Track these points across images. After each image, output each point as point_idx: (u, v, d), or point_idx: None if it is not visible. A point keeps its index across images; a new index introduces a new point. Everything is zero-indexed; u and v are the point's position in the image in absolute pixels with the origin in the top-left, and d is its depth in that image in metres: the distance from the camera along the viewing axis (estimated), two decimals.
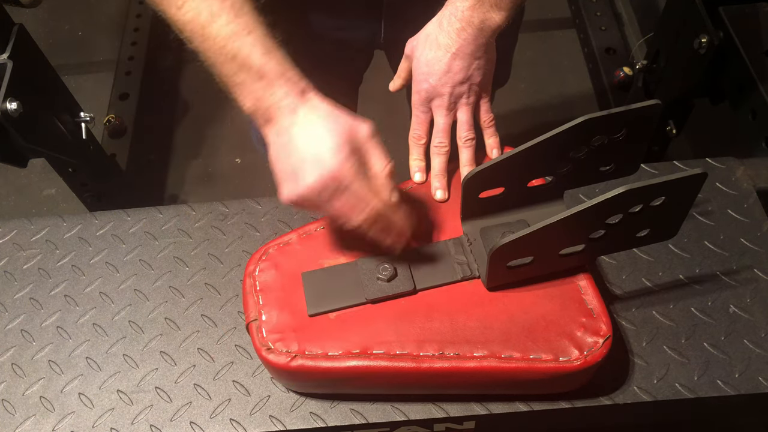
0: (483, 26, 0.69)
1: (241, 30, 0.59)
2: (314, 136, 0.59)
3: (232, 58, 0.59)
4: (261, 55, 0.59)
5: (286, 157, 0.60)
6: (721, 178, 0.82)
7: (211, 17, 0.58)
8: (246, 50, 0.59)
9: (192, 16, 0.59)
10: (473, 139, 0.74)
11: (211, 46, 0.59)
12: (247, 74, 0.59)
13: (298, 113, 0.60)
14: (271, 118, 0.60)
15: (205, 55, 0.60)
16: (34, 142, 1.16)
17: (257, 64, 0.59)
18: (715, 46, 1.12)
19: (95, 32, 2.19)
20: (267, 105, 0.60)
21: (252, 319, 0.65)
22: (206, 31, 0.59)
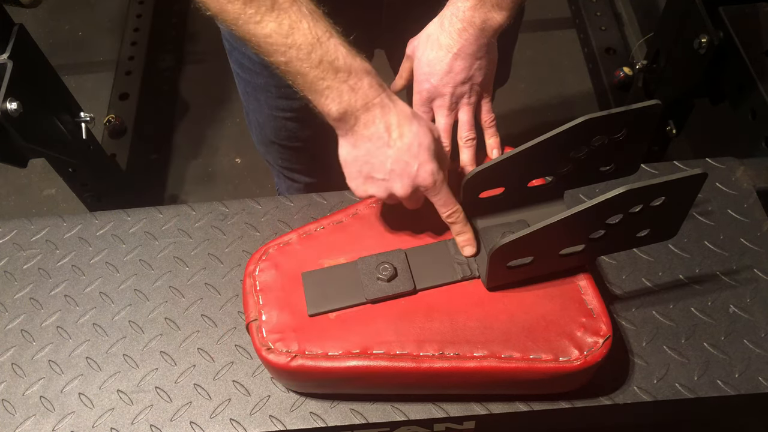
0: (484, 26, 0.69)
1: (323, 34, 0.60)
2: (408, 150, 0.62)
3: (318, 64, 0.60)
4: (345, 57, 0.61)
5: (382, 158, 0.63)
6: (721, 178, 0.82)
7: (292, 27, 0.59)
8: (332, 54, 0.60)
9: (273, 28, 0.59)
10: (474, 139, 0.74)
11: (295, 54, 0.60)
12: (334, 77, 0.60)
13: (389, 118, 0.62)
14: (358, 121, 0.62)
15: (287, 66, 0.61)
16: (34, 142, 1.16)
17: (344, 65, 0.60)
18: (715, 46, 1.12)
19: (95, 32, 2.19)
20: (355, 107, 0.61)
21: (252, 319, 0.65)
22: (289, 40, 0.59)
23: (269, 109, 0.96)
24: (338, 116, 0.62)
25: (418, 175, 0.63)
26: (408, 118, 0.63)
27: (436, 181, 0.64)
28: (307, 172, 1.11)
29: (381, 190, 0.64)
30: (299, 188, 1.14)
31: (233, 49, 0.91)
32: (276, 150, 1.04)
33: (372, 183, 0.65)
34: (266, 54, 0.62)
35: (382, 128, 0.62)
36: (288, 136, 1.00)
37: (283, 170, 1.11)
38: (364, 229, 0.71)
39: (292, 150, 1.03)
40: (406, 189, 0.63)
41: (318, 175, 1.11)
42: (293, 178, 1.12)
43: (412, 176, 0.63)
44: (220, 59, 1.00)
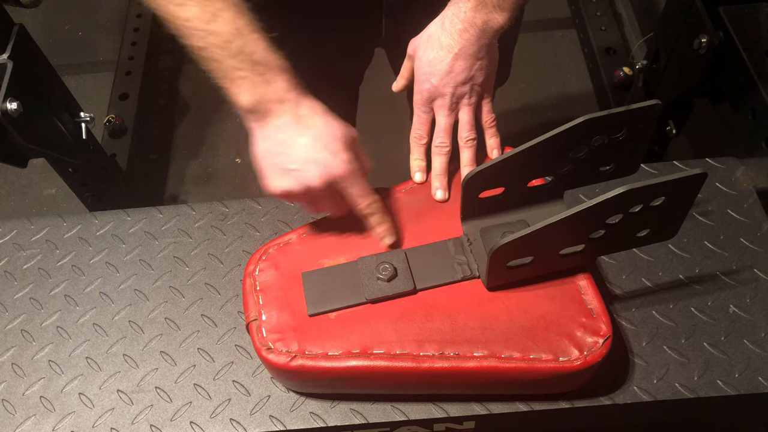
0: (485, 27, 0.69)
1: (244, 26, 0.60)
2: (320, 138, 0.62)
3: (236, 54, 0.60)
4: (263, 51, 0.61)
5: (295, 147, 0.62)
6: (721, 178, 0.82)
7: (215, 14, 0.59)
8: (251, 46, 0.60)
9: (194, 13, 0.59)
10: (474, 139, 0.74)
11: (214, 41, 0.60)
12: (250, 69, 0.60)
13: (300, 111, 0.62)
14: (270, 113, 0.62)
15: (204, 52, 0.61)
16: (34, 142, 1.15)
17: (261, 59, 0.61)
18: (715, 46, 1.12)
19: (95, 32, 2.19)
20: (268, 99, 0.61)
21: (252, 319, 0.65)
22: (210, 27, 0.60)
23: None
24: (250, 107, 0.62)
25: (332, 163, 0.62)
26: (321, 111, 0.64)
27: (352, 170, 0.63)
28: None
29: (296, 182, 0.63)
30: None
31: None
32: None
33: (287, 175, 0.63)
34: (183, 37, 0.61)
35: (294, 118, 0.62)
36: None
37: None
38: (364, 228, 0.71)
39: None
40: (321, 178, 0.62)
41: None
42: None
43: (327, 164, 0.62)
44: None
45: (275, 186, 0.64)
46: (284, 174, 0.63)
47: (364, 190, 0.65)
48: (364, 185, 0.65)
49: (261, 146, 0.64)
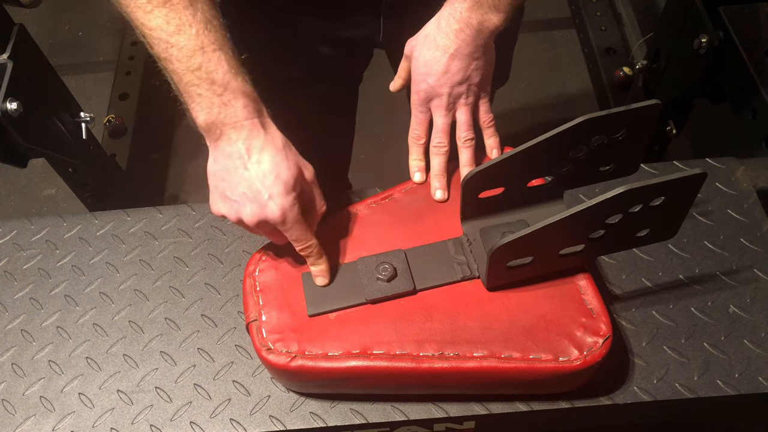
0: (481, 27, 0.69)
1: (209, 44, 0.59)
2: (263, 177, 0.61)
3: (196, 69, 0.59)
4: (226, 72, 0.59)
5: (237, 178, 0.61)
6: (721, 178, 0.82)
7: (179, 27, 0.58)
8: (212, 65, 0.59)
9: (160, 23, 0.58)
10: (473, 139, 0.74)
11: (176, 54, 0.59)
12: (209, 88, 0.59)
13: (253, 142, 0.61)
14: (223, 136, 0.61)
15: (165, 62, 0.60)
16: (34, 142, 1.15)
17: (221, 80, 0.59)
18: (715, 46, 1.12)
19: (95, 32, 2.19)
20: (223, 122, 0.60)
21: (252, 320, 0.65)
22: (173, 39, 0.59)
23: None
24: (204, 126, 0.61)
25: (267, 206, 0.61)
26: (275, 148, 0.62)
27: (285, 218, 0.62)
28: None
29: (231, 211, 0.63)
30: None
31: None
32: None
33: (225, 202, 0.63)
34: (148, 44, 0.61)
35: (243, 149, 0.61)
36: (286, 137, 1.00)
37: None
38: (364, 229, 0.71)
39: None
40: (254, 217, 0.61)
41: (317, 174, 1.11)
42: None
43: (261, 205, 0.61)
44: None
45: (214, 208, 0.65)
46: (223, 200, 0.63)
47: (299, 235, 0.64)
48: (299, 230, 0.63)
49: (211, 167, 0.64)
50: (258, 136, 0.61)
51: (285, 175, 0.62)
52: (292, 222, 0.63)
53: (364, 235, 0.70)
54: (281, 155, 0.62)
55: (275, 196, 0.61)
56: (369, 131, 1.81)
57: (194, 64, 0.59)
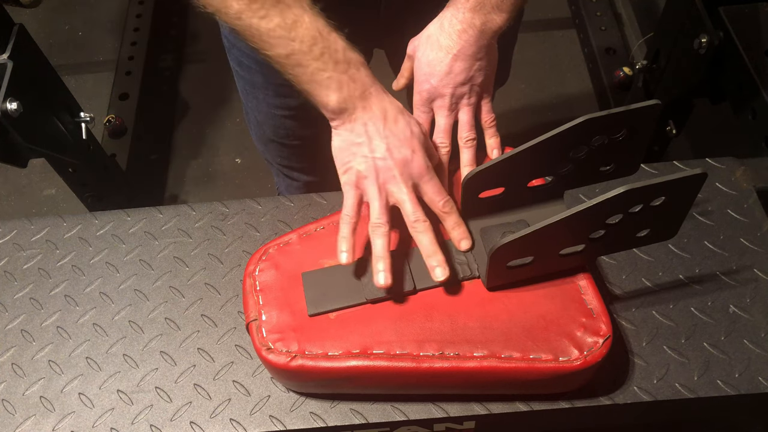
0: (484, 28, 0.69)
1: (323, 27, 0.63)
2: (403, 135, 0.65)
3: (320, 56, 0.62)
4: (344, 49, 0.64)
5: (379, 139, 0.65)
6: (721, 178, 0.82)
7: (296, 21, 0.62)
8: (332, 47, 0.63)
9: (278, 23, 0.61)
10: (474, 139, 0.74)
11: (298, 47, 0.62)
12: (334, 68, 0.63)
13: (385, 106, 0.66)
14: (356, 109, 0.65)
15: (288, 59, 0.63)
16: (34, 142, 1.16)
17: (343, 58, 0.63)
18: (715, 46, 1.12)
19: (95, 32, 2.19)
20: (353, 96, 0.64)
21: (252, 319, 0.65)
22: (293, 34, 0.62)
23: (268, 107, 0.96)
24: (337, 106, 0.64)
25: (412, 160, 0.65)
26: (399, 109, 0.67)
27: (429, 167, 0.65)
28: (306, 171, 1.11)
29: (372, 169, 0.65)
30: (299, 187, 1.14)
31: (232, 47, 0.91)
32: (275, 148, 1.04)
33: (365, 161, 0.65)
34: (267, 47, 0.63)
35: (379, 113, 0.65)
36: (287, 134, 1.00)
37: (283, 168, 1.11)
38: (364, 229, 0.71)
39: (290, 148, 1.03)
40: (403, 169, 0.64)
41: (317, 173, 1.11)
42: (292, 176, 1.13)
43: (408, 161, 0.65)
44: (220, 59, 1.00)
45: (350, 175, 0.66)
46: (364, 159, 0.65)
47: (440, 188, 0.66)
48: (439, 183, 0.66)
49: (346, 140, 0.66)
50: (384, 99, 0.66)
51: (417, 130, 0.67)
52: (434, 173, 0.66)
53: (365, 235, 0.70)
54: (407, 114, 0.67)
55: (417, 150, 0.65)
56: None
57: (317, 51, 0.62)
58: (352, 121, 0.65)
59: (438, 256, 0.64)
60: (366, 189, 0.66)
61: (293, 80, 0.65)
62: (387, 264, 0.63)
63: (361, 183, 0.66)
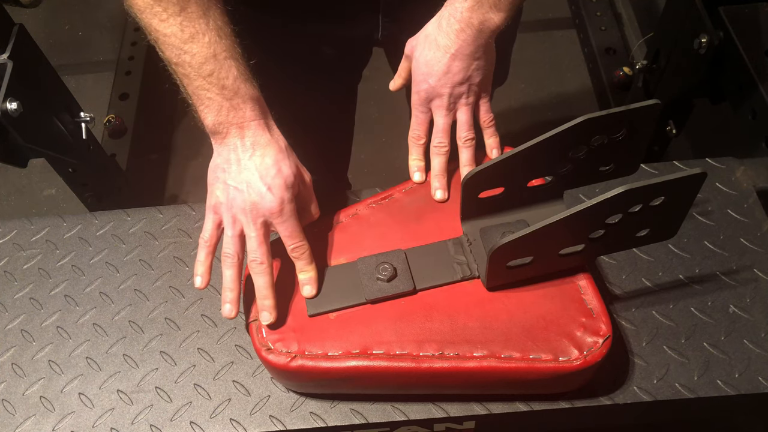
0: (482, 27, 0.68)
1: (221, 51, 0.62)
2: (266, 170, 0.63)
3: (208, 76, 0.62)
4: (236, 78, 0.62)
5: (240, 168, 0.64)
6: (721, 178, 0.82)
7: (193, 36, 0.61)
8: (224, 72, 0.62)
9: (175, 31, 0.61)
10: (473, 139, 0.74)
11: (188, 60, 0.61)
12: (219, 92, 0.62)
13: (259, 139, 0.64)
14: (229, 134, 0.64)
15: (176, 67, 0.63)
16: (34, 142, 1.16)
17: (231, 86, 0.62)
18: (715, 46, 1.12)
19: (95, 32, 2.19)
20: (232, 122, 0.63)
21: (252, 319, 0.65)
22: (187, 47, 0.61)
23: None
24: (212, 127, 0.64)
25: (265, 196, 0.63)
26: (278, 147, 0.65)
27: (282, 209, 0.63)
28: None
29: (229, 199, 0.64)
30: None
31: None
32: None
33: (224, 189, 0.64)
34: (161, 49, 0.63)
35: (249, 143, 0.64)
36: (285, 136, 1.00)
37: None
38: (364, 229, 0.71)
39: None
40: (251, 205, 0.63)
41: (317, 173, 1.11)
42: None
43: (261, 195, 0.63)
44: None
45: (211, 199, 0.66)
46: (223, 187, 0.65)
47: (292, 231, 0.65)
48: (294, 225, 0.64)
49: (213, 161, 0.66)
50: (263, 134, 0.64)
51: (286, 171, 0.64)
52: (288, 215, 0.64)
53: (364, 235, 0.70)
54: (283, 155, 0.65)
55: (275, 188, 0.63)
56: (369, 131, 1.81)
57: (206, 70, 0.61)
58: (223, 145, 0.65)
59: (268, 301, 0.64)
60: (222, 216, 0.66)
61: (179, 84, 0.65)
62: (234, 296, 0.64)
63: (218, 209, 0.66)
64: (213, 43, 0.61)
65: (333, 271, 0.67)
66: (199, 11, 0.61)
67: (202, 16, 0.61)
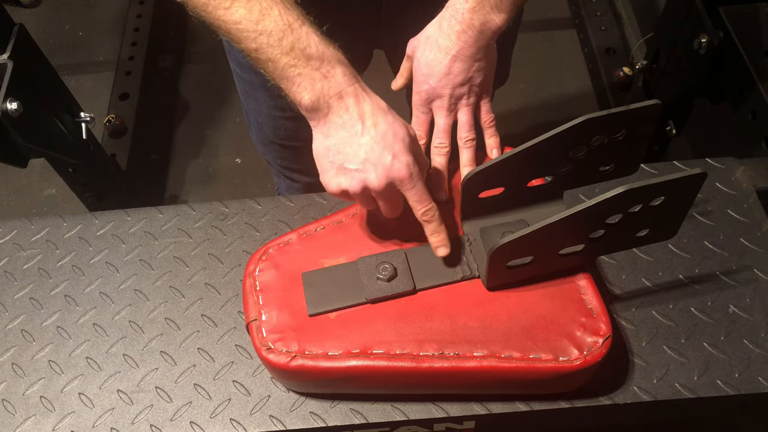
0: (483, 29, 0.68)
1: (294, 20, 0.59)
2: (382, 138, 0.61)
3: (289, 50, 0.59)
4: (317, 44, 0.60)
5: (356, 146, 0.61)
6: (721, 178, 0.82)
7: (262, 13, 0.59)
8: (303, 41, 0.59)
9: (243, 14, 0.59)
10: (473, 139, 0.74)
11: (266, 40, 0.59)
12: (306, 64, 0.59)
13: (362, 107, 0.61)
14: (331, 109, 0.61)
15: (258, 53, 0.60)
16: (34, 142, 1.16)
17: (316, 53, 0.59)
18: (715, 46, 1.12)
19: (95, 32, 2.19)
20: (327, 94, 0.60)
21: (252, 319, 0.65)
22: (260, 27, 0.59)
23: (268, 108, 0.96)
24: (310, 105, 0.61)
25: (392, 166, 0.60)
26: (382, 109, 0.62)
27: (411, 174, 0.61)
28: (307, 172, 1.11)
29: (355, 182, 0.62)
30: (299, 188, 1.14)
31: (232, 48, 0.91)
32: (275, 149, 1.04)
33: (345, 174, 0.62)
34: (236, 41, 0.61)
35: (356, 116, 0.61)
36: (287, 135, 1.00)
37: (283, 170, 1.11)
38: (364, 229, 0.71)
39: (291, 149, 1.03)
40: (381, 180, 0.61)
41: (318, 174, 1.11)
42: (293, 177, 1.12)
43: (387, 167, 0.60)
44: (220, 59, 1.00)
45: (333, 184, 0.63)
46: (342, 173, 0.62)
47: (422, 195, 0.63)
48: (422, 190, 0.63)
49: (322, 144, 0.63)
50: (365, 99, 0.61)
51: (401, 133, 0.62)
52: (417, 179, 0.62)
53: (365, 235, 0.70)
54: (391, 114, 0.62)
55: (399, 154, 0.61)
56: None
57: (287, 45, 0.59)
58: (327, 123, 0.62)
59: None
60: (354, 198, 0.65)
61: (267, 76, 0.62)
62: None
63: (346, 195, 0.64)
64: (283, 14, 0.59)
65: (333, 270, 0.67)
66: None
67: None
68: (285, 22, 0.59)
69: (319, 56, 0.59)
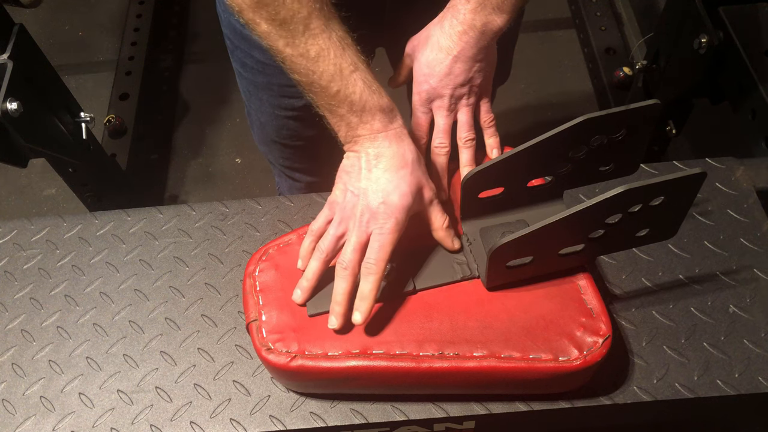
0: (485, 29, 0.69)
1: (347, 66, 0.63)
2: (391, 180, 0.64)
3: (335, 94, 0.63)
4: (362, 92, 0.63)
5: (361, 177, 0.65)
6: (721, 178, 0.82)
7: (319, 54, 0.61)
8: (350, 88, 0.63)
9: (301, 51, 0.62)
10: (473, 139, 0.74)
11: (316, 80, 0.62)
12: (348, 109, 0.63)
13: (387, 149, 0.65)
14: (359, 143, 0.65)
15: (307, 86, 0.64)
16: (34, 142, 1.16)
17: (359, 102, 0.63)
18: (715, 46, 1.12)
19: (95, 32, 2.19)
20: (364, 133, 0.64)
21: (252, 319, 0.65)
22: (314, 67, 0.62)
23: (271, 108, 0.96)
24: (344, 138, 0.65)
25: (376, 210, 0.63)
26: (402, 163, 0.64)
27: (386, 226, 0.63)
28: (309, 172, 1.11)
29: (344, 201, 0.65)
30: (300, 187, 1.14)
31: (236, 48, 0.91)
32: (278, 149, 1.04)
33: (342, 192, 0.66)
34: (288, 70, 0.64)
35: (373, 153, 0.64)
36: (290, 135, 1.00)
37: (285, 169, 1.11)
38: None
39: (293, 149, 1.03)
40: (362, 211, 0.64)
41: (319, 174, 1.11)
42: (294, 177, 1.13)
43: (373, 207, 0.63)
44: (220, 59, 1.00)
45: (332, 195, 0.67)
46: (343, 190, 0.66)
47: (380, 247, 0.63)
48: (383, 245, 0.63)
49: (345, 164, 0.67)
50: (390, 146, 0.65)
51: (404, 188, 0.64)
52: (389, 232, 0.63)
53: None
54: (406, 169, 0.65)
55: (389, 204, 0.63)
56: None
57: (333, 89, 0.62)
58: (353, 152, 0.66)
59: (339, 307, 0.63)
60: (334, 214, 0.67)
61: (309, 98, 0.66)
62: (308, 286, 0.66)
63: (333, 207, 0.67)
64: (337, 57, 0.62)
65: (333, 271, 0.67)
66: (321, 26, 0.61)
67: (324, 30, 0.61)
68: (336, 68, 0.62)
69: (361, 105, 0.63)
